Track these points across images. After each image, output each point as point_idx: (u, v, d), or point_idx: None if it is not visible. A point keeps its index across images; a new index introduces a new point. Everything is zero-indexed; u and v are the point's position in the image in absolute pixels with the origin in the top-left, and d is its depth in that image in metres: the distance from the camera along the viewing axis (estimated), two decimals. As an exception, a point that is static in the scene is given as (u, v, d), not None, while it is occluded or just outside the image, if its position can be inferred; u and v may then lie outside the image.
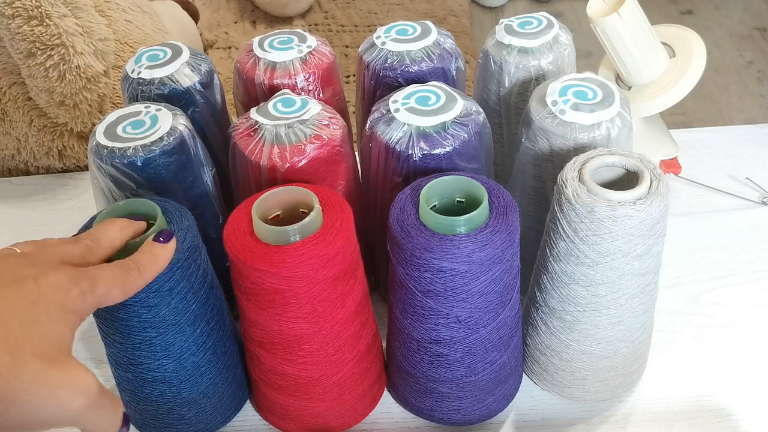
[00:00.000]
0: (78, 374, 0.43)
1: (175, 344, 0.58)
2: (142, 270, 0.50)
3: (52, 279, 0.44)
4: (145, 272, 0.50)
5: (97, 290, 0.46)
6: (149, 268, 0.51)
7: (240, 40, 1.71)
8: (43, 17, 0.88)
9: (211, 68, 0.72)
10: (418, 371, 0.62)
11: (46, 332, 0.42)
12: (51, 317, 0.43)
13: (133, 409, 0.64)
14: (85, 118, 0.97)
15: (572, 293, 0.59)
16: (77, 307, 0.45)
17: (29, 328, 0.41)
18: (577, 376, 0.64)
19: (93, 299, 0.46)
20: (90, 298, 0.45)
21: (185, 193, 0.65)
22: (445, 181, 0.58)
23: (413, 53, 0.71)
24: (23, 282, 0.43)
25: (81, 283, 0.45)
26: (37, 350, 0.41)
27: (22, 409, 0.41)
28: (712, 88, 2.25)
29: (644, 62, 0.76)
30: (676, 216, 0.85)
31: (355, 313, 0.59)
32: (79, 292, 0.45)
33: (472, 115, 0.64)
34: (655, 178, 0.56)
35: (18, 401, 0.40)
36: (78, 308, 0.45)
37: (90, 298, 0.45)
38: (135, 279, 0.49)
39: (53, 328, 0.43)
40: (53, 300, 0.43)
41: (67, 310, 0.44)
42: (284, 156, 0.61)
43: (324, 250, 0.53)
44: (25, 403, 0.41)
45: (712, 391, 0.67)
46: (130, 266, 0.50)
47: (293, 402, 0.62)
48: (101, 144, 0.62)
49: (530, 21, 0.73)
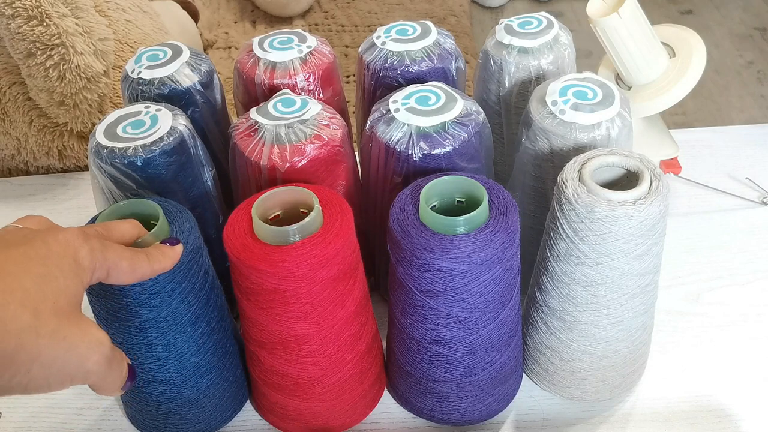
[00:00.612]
0: (92, 329, 0.43)
1: (177, 344, 0.58)
2: (150, 258, 0.50)
3: (61, 236, 0.44)
4: (153, 262, 0.50)
5: (106, 253, 0.46)
6: (158, 260, 0.51)
7: (240, 40, 1.71)
8: (43, 17, 0.88)
9: (211, 68, 0.72)
10: (418, 371, 0.62)
11: (62, 287, 0.42)
12: (64, 272, 0.42)
13: (134, 409, 0.64)
14: (85, 118, 0.97)
15: (572, 293, 0.59)
16: (88, 264, 0.44)
17: (44, 284, 0.41)
18: (577, 376, 0.64)
19: (103, 260, 0.45)
20: (100, 257, 0.45)
21: (185, 193, 0.65)
22: (445, 181, 0.58)
23: (413, 53, 0.71)
24: (31, 241, 0.43)
25: (91, 241, 0.45)
26: (54, 306, 0.41)
27: (44, 366, 0.41)
28: (712, 88, 2.25)
29: (644, 62, 0.76)
30: (676, 216, 0.85)
31: (355, 313, 0.59)
32: (89, 249, 0.44)
33: (472, 115, 0.64)
34: (655, 178, 0.56)
35: (41, 358, 0.40)
36: (89, 265, 0.44)
37: (100, 257, 0.45)
38: (143, 263, 0.49)
39: (67, 282, 0.42)
40: (65, 255, 0.43)
41: (79, 266, 0.44)
42: (284, 156, 0.61)
43: (324, 250, 0.53)
44: (48, 360, 0.41)
45: (712, 391, 0.67)
46: (137, 251, 0.50)
47: (293, 402, 0.62)
48: (101, 144, 0.62)
49: (530, 21, 0.73)
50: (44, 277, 0.41)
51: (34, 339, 0.40)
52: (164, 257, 0.52)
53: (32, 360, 0.40)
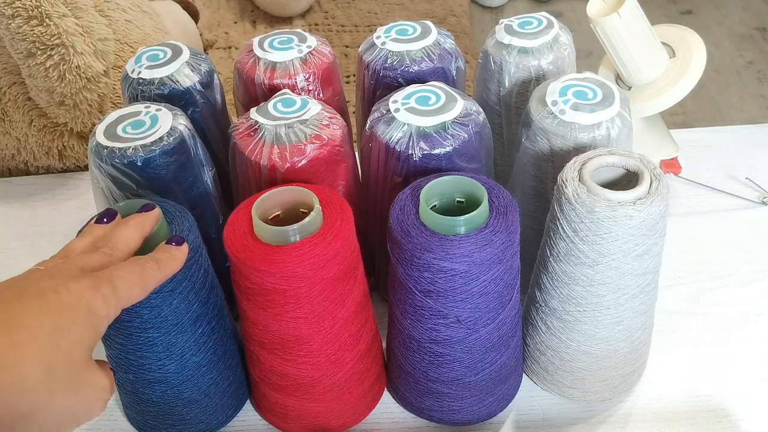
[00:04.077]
0: (99, 377, 0.44)
1: (177, 344, 0.58)
2: (160, 265, 0.50)
3: (73, 287, 0.44)
4: (163, 267, 0.51)
5: (118, 292, 0.46)
6: (167, 264, 0.51)
7: (240, 40, 1.71)
8: (43, 17, 0.88)
9: (211, 68, 0.72)
10: (418, 371, 0.62)
11: (76, 339, 0.43)
12: (78, 323, 0.43)
13: (135, 410, 0.64)
14: (85, 118, 0.97)
15: (572, 293, 0.59)
16: (104, 314, 0.45)
17: (59, 337, 0.42)
18: (577, 376, 0.64)
19: (116, 302, 0.46)
20: (113, 300, 0.45)
21: (185, 193, 0.65)
22: (445, 181, 0.58)
23: (413, 53, 0.70)
24: (44, 294, 0.43)
25: (102, 287, 0.45)
26: (68, 360, 0.42)
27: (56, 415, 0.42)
28: (712, 88, 2.25)
29: (644, 62, 0.76)
30: (676, 216, 0.85)
31: (355, 313, 0.59)
32: (102, 298, 0.45)
33: (472, 115, 0.64)
34: (655, 178, 0.56)
35: (51, 409, 0.41)
36: (105, 314, 0.45)
37: (113, 301, 0.45)
38: (153, 274, 0.50)
39: (82, 332, 0.43)
40: (78, 306, 0.43)
41: (94, 315, 0.44)
42: (284, 156, 0.61)
43: (324, 250, 0.53)
44: (59, 411, 0.42)
45: (712, 391, 0.67)
46: (147, 261, 0.50)
47: (293, 402, 0.62)
48: (101, 144, 0.62)
49: (530, 21, 0.73)
50: (58, 329, 0.42)
51: (48, 396, 0.41)
52: (173, 260, 0.52)
53: (45, 416, 0.41)
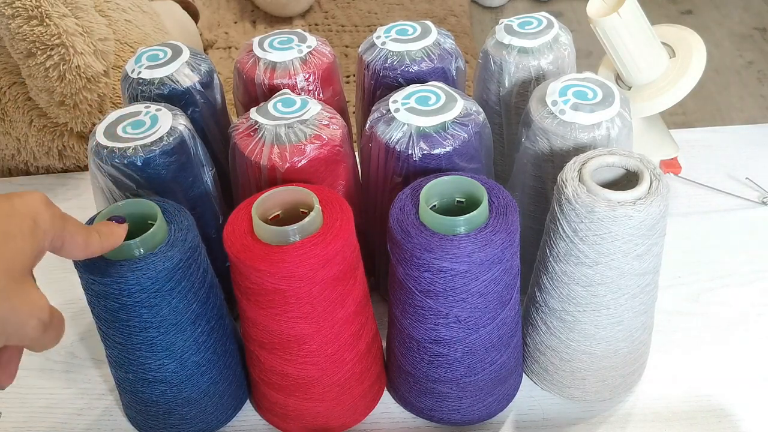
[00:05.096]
0: (35, 294, 0.44)
1: (177, 344, 0.58)
2: (102, 237, 0.51)
3: (26, 197, 0.44)
4: (104, 239, 0.51)
5: (66, 224, 0.47)
6: (107, 237, 0.51)
7: (240, 40, 1.71)
8: (43, 17, 0.88)
9: (211, 68, 0.72)
10: (418, 371, 0.62)
11: (19, 248, 0.43)
12: (23, 232, 0.43)
13: (134, 410, 0.64)
14: (85, 118, 0.97)
15: (572, 293, 0.59)
16: (48, 228, 0.45)
17: (4, 242, 0.42)
18: (577, 376, 0.64)
19: (62, 228, 0.46)
20: (60, 224, 0.46)
21: (185, 193, 0.65)
22: (445, 181, 0.58)
23: (413, 53, 0.70)
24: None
25: (53, 208, 0.46)
26: (7, 267, 0.42)
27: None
28: (712, 88, 2.25)
29: (644, 62, 0.76)
30: (676, 216, 0.85)
31: (355, 313, 0.59)
32: (51, 214, 0.45)
33: (472, 115, 0.64)
34: (655, 178, 0.56)
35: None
36: (48, 228, 0.45)
37: (59, 224, 0.46)
38: (96, 240, 0.50)
39: (25, 243, 0.43)
40: (27, 215, 0.44)
41: (38, 227, 0.44)
42: (284, 156, 0.61)
43: (324, 250, 0.53)
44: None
45: (711, 391, 0.67)
46: (92, 229, 0.50)
47: (293, 402, 0.62)
48: (101, 144, 0.62)
49: (530, 21, 0.73)
50: (4, 234, 0.42)
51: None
52: (112, 235, 0.52)
53: None
